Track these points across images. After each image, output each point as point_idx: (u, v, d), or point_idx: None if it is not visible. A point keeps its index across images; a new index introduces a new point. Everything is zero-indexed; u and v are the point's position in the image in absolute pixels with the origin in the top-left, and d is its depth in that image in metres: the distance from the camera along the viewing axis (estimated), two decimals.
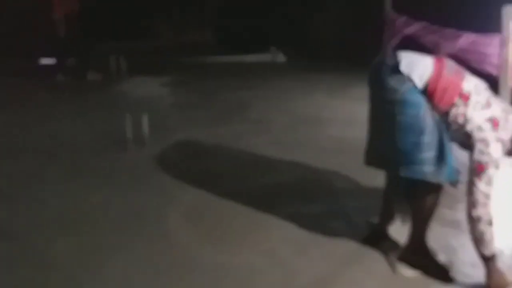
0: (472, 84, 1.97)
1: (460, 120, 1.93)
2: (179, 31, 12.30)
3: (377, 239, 2.32)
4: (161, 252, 2.22)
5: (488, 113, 1.90)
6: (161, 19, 11.98)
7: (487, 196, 1.87)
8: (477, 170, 1.87)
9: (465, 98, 1.92)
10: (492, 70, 5.38)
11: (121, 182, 3.05)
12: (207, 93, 5.77)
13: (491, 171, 1.86)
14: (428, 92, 1.94)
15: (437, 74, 1.94)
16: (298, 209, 2.65)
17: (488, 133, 1.87)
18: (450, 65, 2.01)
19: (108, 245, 2.28)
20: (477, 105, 1.91)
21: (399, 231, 2.34)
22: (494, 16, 5.26)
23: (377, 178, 2.73)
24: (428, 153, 1.93)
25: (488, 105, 1.92)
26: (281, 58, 9.21)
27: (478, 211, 1.86)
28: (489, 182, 1.87)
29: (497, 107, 1.94)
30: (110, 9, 6.70)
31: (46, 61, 7.94)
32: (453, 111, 1.93)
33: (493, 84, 5.42)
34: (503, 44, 5.20)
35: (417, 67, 1.96)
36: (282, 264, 2.15)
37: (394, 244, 2.28)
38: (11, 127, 4.20)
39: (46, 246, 2.26)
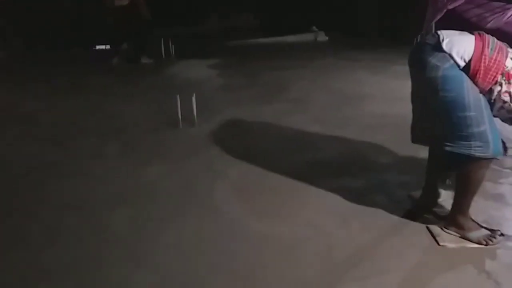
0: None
1: (505, 97, 1.93)
2: (224, 16, 12.45)
3: (419, 213, 2.36)
4: (210, 223, 2.37)
5: None
6: (207, 4, 12.15)
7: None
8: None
9: (509, 76, 1.91)
10: None
11: (173, 159, 3.24)
12: (251, 74, 5.90)
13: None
14: (470, 71, 1.94)
15: (479, 52, 1.93)
16: (340, 184, 2.73)
17: None
18: (492, 42, 1.98)
19: (161, 217, 2.45)
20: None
21: (443, 205, 2.40)
22: None
23: (419, 153, 2.81)
24: (474, 129, 1.94)
25: None
26: (322, 37, 9.18)
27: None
28: None
29: None
30: None
31: (101, 47, 8.38)
32: (497, 89, 1.93)
33: None
34: None
35: (459, 45, 1.96)
36: (324, 234, 2.23)
37: (437, 217, 2.33)
38: (72, 111, 4.50)
39: (108, 218, 2.45)
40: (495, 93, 1.94)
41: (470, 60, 1.93)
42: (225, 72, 6.08)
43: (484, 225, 2.20)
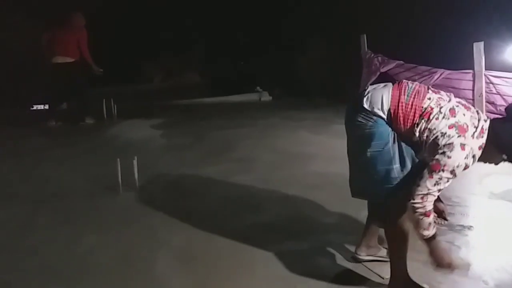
0: (434, 99, 2.02)
1: (426, 134, 2.00)
2: (168, 75, 12.62)
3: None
4: None
5: (452, 120, 1.95)
6: (150, 63, 12.29)
7: (429, 193, 1.95)
8: (432, 167, 1.93)
9: (427, 115, 2.00)
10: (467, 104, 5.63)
11: (111, 227, 3.08)
12: (195, 134, 5.91)
13: (445, 174, 1.92)
14: (392, 119, 2.06)
15: (396, 101, 2.04)
16: (285, 247, 2.69)
17: (453, 139, 1.92)
18: (409, 89, 2.07)
19: None
20: (439, 116, 1.97)
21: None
22: (466, 52, 5.55)
23: (361, 212, 2.85)
24: (400, 178, 2.06)
25: (452, 113, 1.96)
26: (266, 97, 9.51)
27: (415, 202, 1.96)
28: (437, 183, 1.93)
29: (464, 114, 1.97)
30: (100, 54, 6.89)
31: (38, 107, 8.09)
32: (418, 130, 2.02)
33: None
34: (475, 79, 5.48)
35: (377, 99, 2.08)
36: None
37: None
38: (2, 176, 4.24)
39: None
40: (417, 133, 2.03)
41: (389, 109, 2.06)
42: (169, 132, 6.05)
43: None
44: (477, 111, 2.04)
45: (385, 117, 2.06)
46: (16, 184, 4.00)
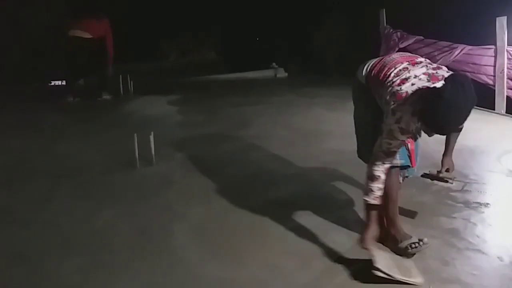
0: (400, 69, 2.12)
1: (382, 101, 2.15)
2: (184, 52, 12.58)
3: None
4: (167, 269, 2.28)
5: (397, 88, 2.04)
6: (167, 41, 12.25)
7: (375, 156, 2.10)
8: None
9: (384, 81, 2.15)
10: (488, 80, 5.50)
11: (128, 201, 3.14)
12: (211, 110, 5.91)
13: (384, 138, 2.06)
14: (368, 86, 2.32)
15: (371, 70, 2.29)
16: (300, 222, 2.71)
17: (389, 105, 2.03)
18: (387, 60, 2.26)
19: (116, 264, 2.34)
20: (390, 84, 2.09)
21: None
22: (489, 27, 5.39)
23: None
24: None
25: (402, 82, 2.05)
26: (282, 73, 9.42)
27: (368, 166, 2.16)
28: (380, 147, 2.08)
29: (413, 84, 2.02)
30: (118, 31, 6.89)
31: (56, 83, 8.17)
32: (377, 97, 2.23)
33: (489, 93, 5.55)
34: (497, 55, 5.33)
35: (362, 68, 2.38)
36: (284, 277, 2.19)
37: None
38: (24, 150, 4.32)
39: (58, 268, 2.31)
40: (378, 100, 2.21)
41: (366, 77, 2.33)
42: (185, 109, 6.06)
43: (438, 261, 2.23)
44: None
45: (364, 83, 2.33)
46: (36, 159, 4.07)
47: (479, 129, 4.65)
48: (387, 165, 2.11)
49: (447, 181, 2.68)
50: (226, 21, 11.47)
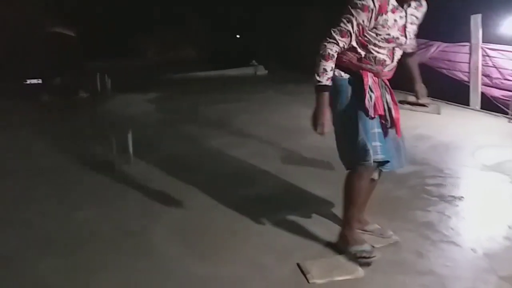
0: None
1: None
2: (164, 49, 12.48)
3: None
4: (147, 268, 2.27)
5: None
6: (146, 37, 12.13)
7: (330, 33, 2.07)
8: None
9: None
10: (462, 77, 5.63)
11: (106, 200, 3.11)
12: (191, 108, 5.90)
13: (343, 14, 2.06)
14: None
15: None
16: (279, 218, 2.73)
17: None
18: None
19: (94, 264, 2.32)
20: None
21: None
22: (464, 25, 5.51)
23: None
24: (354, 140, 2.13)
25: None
26: (262, 71, 9.44)
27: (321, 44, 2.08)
28: (336, 24, 2.07)
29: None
30: (95, 29, 6.80)
31: (32, 81, 8.00)
32: None
33: (464, 89, 5.67)
34: (472, 52, 5.45)
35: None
36: (264, 272, 2.20)
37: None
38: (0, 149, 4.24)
39: (35, 268, 2.28)
40: None
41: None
42: (164, 107, 6.03)
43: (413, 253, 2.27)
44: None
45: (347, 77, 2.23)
46: (11, 159, 4.00)
47: (454, 124, 4.76)
48: (341, 45, 2.07)
49: (424, 105, 2.69)
50: (205, 17, 11.43)
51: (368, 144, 2.11)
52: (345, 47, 2.10)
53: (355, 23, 2.03)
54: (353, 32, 2.05)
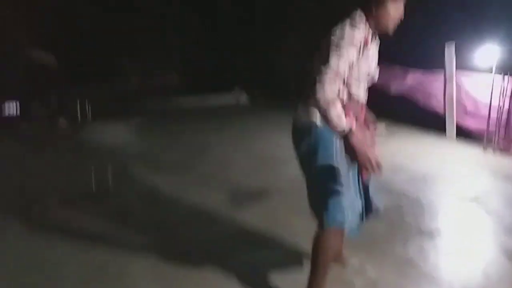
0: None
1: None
2: (145, 75, 12.47)
3: None
4: None
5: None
6: (127, 63, 12.12)
7: (322, 78, 1.79)
8: None
9: None
10: (439, 107, 5.75)
11: (83, 236, 3.03)
12: (172, 136, 5.88)
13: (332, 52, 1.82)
14: None
15: None
16: (259, 256, 2.71)
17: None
18: None
19: None
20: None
21: None
22: (438, 53, 5.63)
23: None
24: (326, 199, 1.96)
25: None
26: (244, 98, 9.51)
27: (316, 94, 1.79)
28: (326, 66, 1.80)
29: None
30: (74, 53, 6.77)
31: (10, 110, 7.86)
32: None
33: (441, 119, 5.77)
34: (446, 80, 5.59)
35: None
36: None
37: None
38: None
39: None
40: None
41: None
42: (144, 135, 6.00)
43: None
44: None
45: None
46: None
47: (431, 154, 4.84)
48: (338, 83, 1.81)
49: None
50: (189, 43, 11.50)
51: (344, 205, 1.95)
52: (340, 88, 1.86)
53: (346, 60, 1.82)
54: (346, 69, 1.84)
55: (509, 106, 4.85)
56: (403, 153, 4.77)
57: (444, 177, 4.11)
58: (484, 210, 3.34)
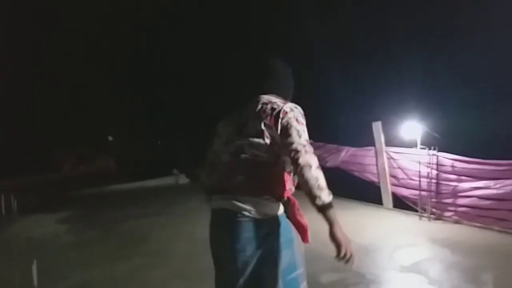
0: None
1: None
2: (79, 162, 12.09)
3: None
4: None
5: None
6: (59, 150, 11.74)
7: (306, 148, 1.84)
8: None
9: None
10: (373, 178, 6.00)
11: None
12: (106, 226, 5.56)
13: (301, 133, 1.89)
14: None
15: None
16: None
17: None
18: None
19: None
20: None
21: None
22: (368, 131, 6.00)
23: None
24: None
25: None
26: (184, 179, 9.41)
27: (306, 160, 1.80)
28: (302, 143, 1.86)
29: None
30: (4, 143, 6.43)
31: None
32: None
33: (377, 188, 5.98)
34: (377, 155, 5.90)
35: None
36: None
37: None
38: None
39: None
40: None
41: None
42: (76, 227, 5.63)
43: None
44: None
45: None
46: None
47: (371, 225, 4.92)
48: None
49: None
50: (123, 128, 11.44)
51: None
52: None
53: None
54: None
55: (436, 176, 5.12)
56: (344, 226, 4.78)
57: (385, 248, 4.15)
58: (425, 278, 3.36)
